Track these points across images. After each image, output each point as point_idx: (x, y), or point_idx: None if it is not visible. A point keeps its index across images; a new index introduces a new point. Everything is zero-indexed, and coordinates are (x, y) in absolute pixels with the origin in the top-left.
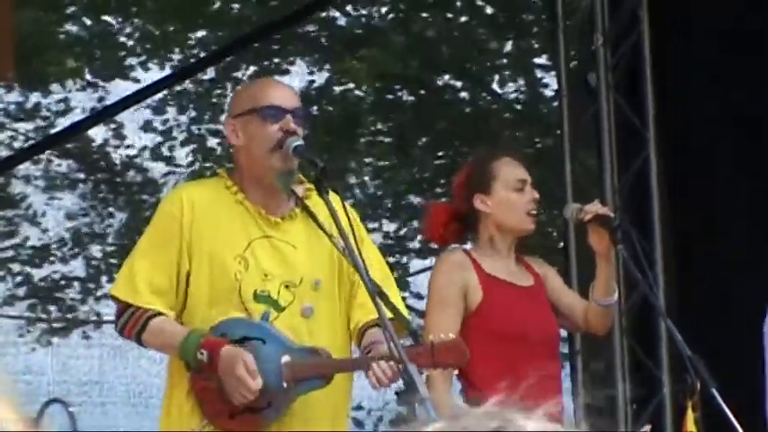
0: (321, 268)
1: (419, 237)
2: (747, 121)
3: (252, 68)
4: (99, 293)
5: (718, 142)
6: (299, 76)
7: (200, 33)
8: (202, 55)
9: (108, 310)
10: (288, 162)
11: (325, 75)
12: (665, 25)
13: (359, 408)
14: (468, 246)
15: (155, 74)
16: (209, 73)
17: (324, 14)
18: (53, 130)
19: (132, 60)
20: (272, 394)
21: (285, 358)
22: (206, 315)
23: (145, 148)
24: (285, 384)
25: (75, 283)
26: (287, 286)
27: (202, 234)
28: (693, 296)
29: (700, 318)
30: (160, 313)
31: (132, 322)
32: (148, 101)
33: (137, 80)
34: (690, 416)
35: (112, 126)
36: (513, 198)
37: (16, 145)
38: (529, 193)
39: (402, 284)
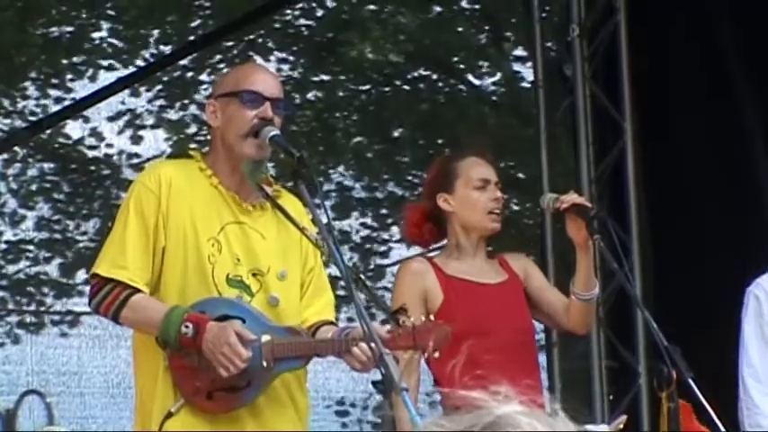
0: (287, 261)
1: (399, 227)
2: (726, 111)
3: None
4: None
5: (697, 132)
6: (275, 67)
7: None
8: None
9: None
10: (261, 151)
11: (303, 66)
12: (642, 14)
13: (341, 402)
14: (434, 253)
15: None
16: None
17: (302, 5)
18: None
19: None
20: (253, 373)
21: (265, 337)
22: (179, 295)
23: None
24: (265, 363)
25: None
26: (254, 274)
27: (178, 213)
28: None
29: (679, 308)
30: (140, 291)
31: (111, 298)
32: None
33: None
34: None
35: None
36: (473, 196)
37: None
38: (491, 192)
39: (380, 275)
